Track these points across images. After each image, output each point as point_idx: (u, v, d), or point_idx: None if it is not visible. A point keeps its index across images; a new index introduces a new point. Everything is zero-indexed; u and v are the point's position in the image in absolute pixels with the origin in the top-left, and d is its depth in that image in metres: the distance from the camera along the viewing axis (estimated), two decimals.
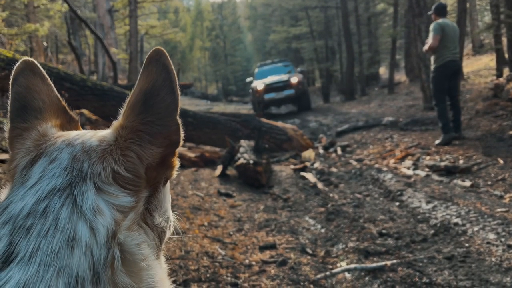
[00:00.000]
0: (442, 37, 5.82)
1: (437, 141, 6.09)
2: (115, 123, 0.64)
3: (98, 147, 0.61)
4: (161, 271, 0.63)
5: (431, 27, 6.01)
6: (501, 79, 8.06)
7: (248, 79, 17.27)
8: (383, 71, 24.83)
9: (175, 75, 0.63)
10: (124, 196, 0.58)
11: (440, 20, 5.95)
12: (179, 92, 0.63)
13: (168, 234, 0.70)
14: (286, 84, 14.54)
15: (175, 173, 0.68)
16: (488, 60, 15.46)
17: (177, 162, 0.68)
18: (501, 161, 4.62)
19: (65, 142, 0.62)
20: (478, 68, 14.87)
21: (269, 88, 14.57)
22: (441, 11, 6.08)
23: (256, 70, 17.19)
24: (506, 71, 9.45)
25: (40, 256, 0.50)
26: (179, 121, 0.64)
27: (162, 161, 0.64)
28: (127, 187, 0.59)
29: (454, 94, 6.08)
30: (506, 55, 9.52)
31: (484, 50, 18.14)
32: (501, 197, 3.75)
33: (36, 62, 0.73)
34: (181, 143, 0.66)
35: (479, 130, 6.40)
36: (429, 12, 6.47)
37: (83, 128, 0.76)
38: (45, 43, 17.79)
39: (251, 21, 45.57)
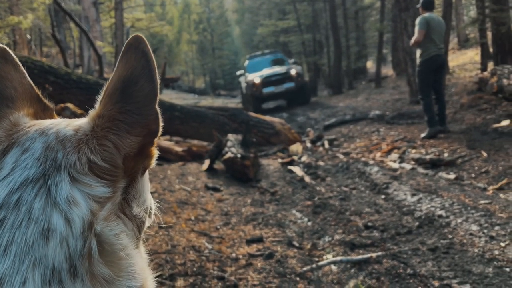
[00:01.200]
0: (428, 32, 5.84)
1: (422, 135, 6.14)
2: (92, 112, 0.62)
3: (73, 137, 0.59)
4: (141, 260, 0.63)
5: (417, 21, 6.03)
6: (485, 73, 8.17)
7: (239, 72, 16.09)
8: (370, 65, 24.98)
9: (155, 63, 0.61)
10: (101, 186, 0.57)
11: (426, 14, 5.98)
12: (158, 81, 0.61)
13: (147, 224, 0.69)
14: (285, 77, 13.56)
15: (153, 162, 0.67)
16: (473, 54, 15.65)
17: (155, 152, 0.67)
18: (485, 154, 4.69)
19: (38, 131, 0.61)
20: (463, 62, 15.05)
21: (268, 81, 13.53)
22: (428, 5, 6.10)
23: (247, 62, 16.05)
24: (490, 65, 9.58)
25: (15, 248, 0.50)
26: (158, 110, 0.63)
27: (140, 151, 0.63)
28: (103, 177, 0.58)
29: (439, 88, 6.13)
30: (491, 49, 9.65)
31: (469, 44, 18.34)
32: (484, 189, 3.82)
33: (8, 49, 0.71)
34: (160, 132, 0.64)
35: (463, 123, 6.49)
36: (417, 5, 6.50)
37: None
38: (28, 36, 17.44)
39: (239, 14, 45.28)
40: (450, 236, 2.53)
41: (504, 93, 6.74)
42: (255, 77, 13.80)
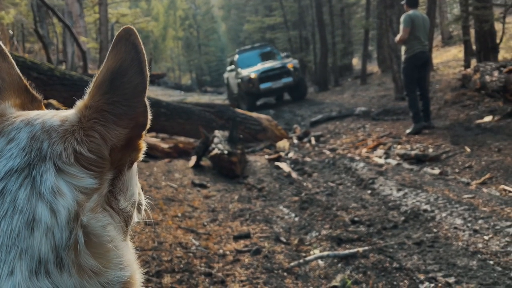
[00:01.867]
0: (412, 29, 5.90)
1: (407, 130, 6.21)
2: (79, 103, 0.62)
3: (60, 127, 0.59)
4: (129, 252, 0.63)
5: (402, 18, 6.09)
6: (468, 70, 8.30)
7: (230, 67, 14.83)
8: (356, 62, 25.14)
9: (145, 56, 0.61)
10: (87, 178, 0.57)
11: (410, 12, 6.04)
12: (148, 73, 0.61)
13: (135, 219, 0.68)
14: (283, 71, 12.76)
15: (141, 156, 0.67)
16: (457, 52, 15.88)
17: (143, 145, 0.67)
18: (468, 150, 4.77)
19: (24, 122, 0.60)
20: (447, 59, 15.26)
21: (265, 76, 12.68)
22: (413, 2, 6.16)
23: (237, 57, 15.01)
24: (473, 62, 9.73)
25: (2, 238, 0.49)
26: (147, 103, 0.62)
27: (128, 143, 0.62)
28: (90, 168, 0.57)
29: (424, 85, 6.19)
30: (474, 47, 9.80)
31: (452, 41, 18.60)
32: (468, 184, 3.88)
33: None
34: (148, 125, 0.64)
35: (447, 119, 6.58)
36: (402, 2, 6.55)
37: None
38: (10, 32, 17.05)
39: (225, 11, 45.07)
40: (435, 230, 2.57)
41: (487, 90, 6.85)
42: (251, 72, 12.96)
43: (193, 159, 5.49)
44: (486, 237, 2.32)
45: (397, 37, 6.15)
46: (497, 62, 7.85)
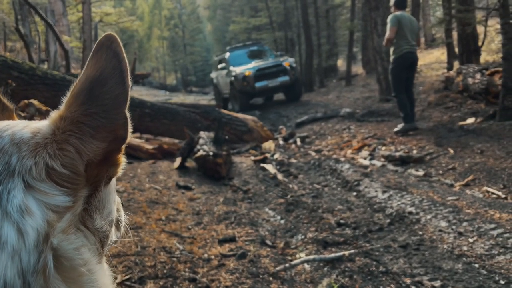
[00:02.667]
0: (399, 29, 5.90)
1: (395, 129, 6.22)
2: (54, 114, 0.57)
3: (31, 140, 0.54)
4: (104, 276, 0.58)
5: (388, 19, 6.10)
6: (451, 72, 8.42)
7: (220, 65, 13.93)
8: (340, 63, 25.31)
9: (127, 65, 0.57)
10: (60, 195, 0.52)
11: (398, 13, 6.04)
12: (130, 83, 0.57)
13: (112, 238, 0.65)
14: (279, 70, 12.11)
15: (120, 171, 0.62)
16: (440, 54, 16.12)
17: (122, 160, 0.62)
18: (451, 151, 4.82)
19: None
20: (430, 61, 15.48)
21: (261, 74, 11.93)
22: (401, 3, 6.17)
23: (228, 54, 14.12)
24: (456, 65, 9.88)
25: None
26: (128, 115, 0.58)
27: (105, 158, 0.58)
28: (63, 184, 0.53)
29: (410, 86, 6.23)
30: (457, 49, 9.94)
31: (435, 44, 18.88)
32: (452, 185, 3.92)
33: None
34: (129, 139, 0.60)
35: (431, 121, 6.65)
36: (390, 4, 6.61)
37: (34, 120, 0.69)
38: None
39: (211, 11, 44.92)
40: (420, 233, 2.57)
41: (469, 92, 6.95)
42: (246, 70, 12.17)
43: (178, 160, 5.43)
44: (470, 240, 2.33)
45: (385, 37, 6.15)
46: (479, 65, 7.98)
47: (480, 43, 9.52)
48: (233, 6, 33.37)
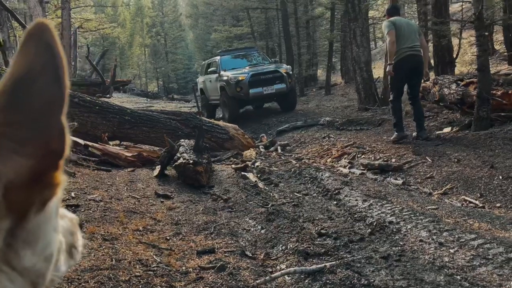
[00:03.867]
0: (397, 32, 5.58)
1: (392, 137, 6.00)
2: None
3: None
4: None
5: (383, 26, 5.85)
6: (428, 83, 8.58)
7: (211, 69, 12.85)
8: (320, 73, 25.60)
9: (63, 60, 0.46)
10: None
11: (391, 18, 5.82)
12: (67, 83, 0.46)
13: (50, 276, 0.50)
14: (276, 76, 11.31)
15: (59, 192, 0.49)
16: None
17: (61, 179, 0.49)
18: (429, 160, 4.88)
19: None
20: None
21: (256, 80, 11.10)
22: (393, 11, 5.99)
23: (218, 58, 13.09)
24: (432, 75, 10.11)
25: None
26: (65, 123, 0.46)
27: (36, 178, 0.46)
28: None
29: (415, 94, 5.85)
30: (432, 60, 10.19)
31: None
32: (430, 194, 3.96)
33: None
34: (67, 152, 0.47)
35: (409, 130, 6.74)
36: (384, 14, 6.41)
37: None
38: None
39: (193, 19, 44.83)
40: (401, 243, 2.57)
41: (445, 102, 7.09)
42: (240, 74, 11.37)
43: (158, 168, 5.33)
44: (451, 251, 2.34)
45: (387, 43, 5.72)
46: (455, 76, 8.18)
47: (455, 55, 9.79)
48: (215, 15, 33.41)
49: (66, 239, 0.54)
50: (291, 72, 12.00)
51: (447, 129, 6.11)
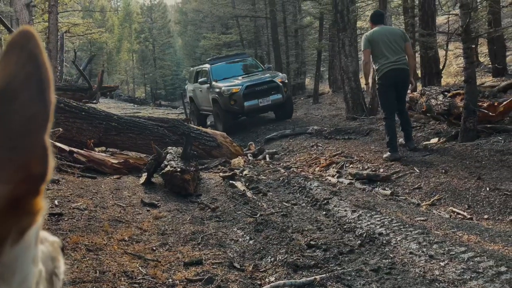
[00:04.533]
0: (374, 48, 5.32)
1: (385, 155, 5.59)
2: None
3: None
4: None
5: (361, 41, 5.65)
6: (415, 94, 8.68)
7: (202, 79, 12.05)
8: (308, 81, 25.77)
9: (49, 72, 0.42)
10: None
11: (370, 31, 5.52)
12: (53, 98, 0.41)
13: None
14: (272, 87, 10.70)
15: (40, 220, 0.44)
16: None
17: (42, 205, 0.43)
18: (417, 170, 4.90)
19: None
20: None
21: (251, 92, 10.49)
22: (377, 18, 5.66)
23: (208, 67, 12.22)
24: (419, 86, 10.23)
25: None
26: (48, 143, 0.42)
27: (12, 206, 0.41)
28: None
29: (401, 107, 5.62)
30: (419, 71, 10.33)
31: None
32: (418, 205, 3.96)
33: None
34: (49, 176, 0.42)
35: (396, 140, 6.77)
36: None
37: None
38: None
39: (182, 26, 44.88)
40: (391, 255, 2.55)
41: (432, 113, 7.17)
42: (233, 87, 10.72)
43: (144, 176, 5.25)
44: (442, 263, 2.32)
45: (361, 64, 5.57)
46: (441, 87, 8.29)
47: (441, 66, 9.94)
48: (204, 22, 33.47)
49: (46, 267, 0.48)
50: (286, 81, 11.43)
51: (434, 140, 6.15)
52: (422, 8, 9.42)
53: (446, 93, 6.97)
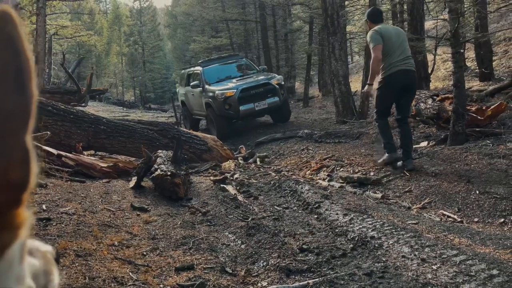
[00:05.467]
0: (384, 45, 4.68)
1: (379, 160, 5.27)
2: None
3: None
4: None
5: (368, 36, 4.86)
6: None
7: (194, 83, 11.31)
8: (298, 85, 25.87)
9: (30, 60, 0.36)
10: None
11: (376, 27, 4.82)
12: (35, 92, 0.36)
13: None
14: (268, 89, 10.22)
15: (24, 234, 0.38)
16: None
17: (25, 217, 0.38)
18: (407, 174, 4.93)
19: None
20: None
21: (246, 96, 10.01)
22: (377, 16, 5.02)
23: (200, 69, 11.66)
24: None
25: None
26: (30, 145, 0.36)
27: None
28: None
29: (404, 114, 5.01)
30: None
31: None
32: (409, 208, 3.98)
33: None
34: (32, 183, 0.37)
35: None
36: (364, 19, 5.40)
37: None
38: None
39: (171, 29, 44.75)
40: (384, 259, 2.55)
41: (421, 116, 7.23)
42: (227, 90, 10.18)
43: (134, 180, 5.20)
44: (434, 267, 2.33)
45: (372, 60, 4.83)
46: (430, 91, 8.38)
47: (430, 70, 10.06)
48: (194, 25, 33.45)
49: (37, 283, 0.43)
50: (283, 83, 10.92)
51: (423, 143, 6.21)
52: (410, 13, 9.52)
53: (435, 97, 7.04)
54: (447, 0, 5.75)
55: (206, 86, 10.84)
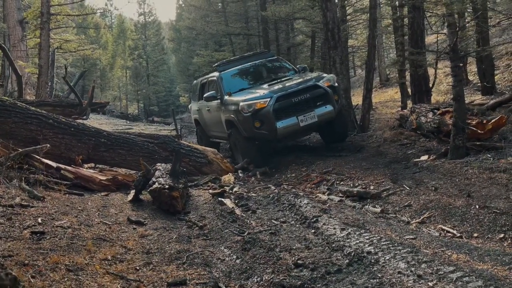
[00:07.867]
0: None
1: None
2: None
3: None
4: None
5: None
6: (405, 111, 8.75)
7: (209, 94, 8.35)
8: None
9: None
10: None
11: None
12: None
13: None
14: (316, 95, 7.28)
15: None
16: (393, 93, 16.90)
17: None
18: (407, 188, 4.88)
19: None
20: (385, 99, 16.15)
21: (286, 105, 7.13)
22: None
23: (217, 75, 8.71)
24: (409, 103, 10.32)
25: None
26: None
27: None
28: None
29: None
30: (409, 89, 10.44)
31: (390, 83, 19.89)
32: (408, 222, 3.93)
33: None
34: None
35: (387, 157, 6.78)
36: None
37: None
38: None
39: (175, 43, 45.21)
40: (379, 275, 2.49)
41: (422, 130, 7.21)
42: (256, 100, 7.23)
43: (132, 193, 5.18)
44: (430, 284, 2.27)
45: None
46: (431, 105, 8.36)
47: (431, 84, 10.06)
48: (197, 39, 33.77)
49: None
50: (336, 84, 7.69)
51: (424, 157, 6.16)
52: (411, 27, 9.57)
53: (435, 110, 7.02)
54: (446, 15, 5.78)
55: (226, 97, 7.93)
